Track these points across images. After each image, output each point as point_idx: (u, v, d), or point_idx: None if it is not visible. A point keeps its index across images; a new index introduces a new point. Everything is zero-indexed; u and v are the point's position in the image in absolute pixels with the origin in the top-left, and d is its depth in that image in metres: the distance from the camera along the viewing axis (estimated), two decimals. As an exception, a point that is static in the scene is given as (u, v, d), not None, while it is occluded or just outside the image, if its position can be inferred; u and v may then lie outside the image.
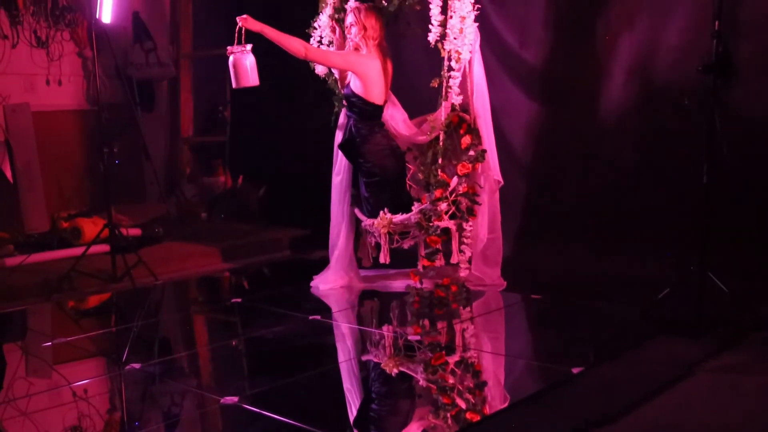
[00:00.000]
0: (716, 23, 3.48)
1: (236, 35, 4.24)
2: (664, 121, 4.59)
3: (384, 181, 4.48)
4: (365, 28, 4.38)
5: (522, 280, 4.52)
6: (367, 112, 4.46)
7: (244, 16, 4.26)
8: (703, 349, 3.28)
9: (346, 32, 4.51)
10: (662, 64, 4.66)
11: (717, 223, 3.66)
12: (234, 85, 4.35)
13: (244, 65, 4.24)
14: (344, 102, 4.58)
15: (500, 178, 4.40)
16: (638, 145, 4.79)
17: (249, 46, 4.26)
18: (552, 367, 3.22)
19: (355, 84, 4.43)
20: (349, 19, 4.45)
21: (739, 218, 4.14)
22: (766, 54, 4.18)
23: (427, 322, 4.00)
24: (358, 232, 4.73)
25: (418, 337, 3.73)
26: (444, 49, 4.27)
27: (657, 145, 4.66)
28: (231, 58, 4.27)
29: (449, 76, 4.26)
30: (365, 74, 4.38)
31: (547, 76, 5.18)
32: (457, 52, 4.23)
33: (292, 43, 4.31)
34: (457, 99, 4.29)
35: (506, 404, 2.86)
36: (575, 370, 3.04)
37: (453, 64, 4.25)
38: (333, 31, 4.69)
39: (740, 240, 4.14)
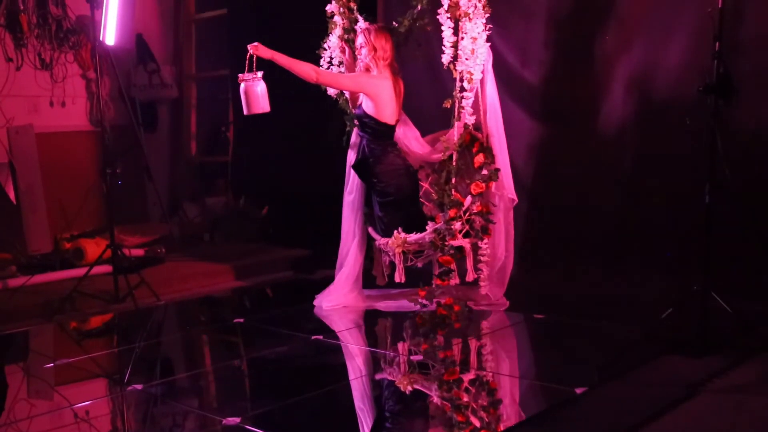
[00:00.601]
0: (717, 44, 3.51)
1: (247, 62, 4.28)
2: (666, 141, 4.61)
3: (398, 200, 4.48)
4: (375, 49, 4.40)
5: (524, 299, 4.51)
6: (379, 132, 4.47)
7: (255, 44, 4.30)
8: (706, 369, 3.27)
9: (356, 53, 4.53)
10: (663, 84, 4.68)
11: (720, 242, 3.66)
12: (246, 112, 4.40)
13: (255, 92, 4.29)
14: (356, 122, 4.59)
15: (515, 196, 4.42)
16: (640, 165, 4.80)
17: (260, 74, 4.31)
18: (555, 387, 3.21)
19: (367, 105, 4.44)
20: (360, 39, 4.47)
21: (742, 238, 4.14)
22: (766, 73, 4.20)
23: (430, 342, 3.99)
24: (369, 251, 4.73)
25: (420, 358, 3.71)
26: (456, 71, 4.30)
27: (659, 165, 4.67)
28: (242, 86, 4.32)
29: (462, 97, 4.30)
30: (376, 95, 4.40)
31: (548, 96, 5.21)
32: (469, 73, 4.25)
33: (303, 68, 4.33)
34: (470, 119, 4.31)
35: (509, 425, 2.84)
36: (579, 391, 3.02)
37: (465, 84, 4.28)
38: (342, 51, 4.72)
39: (743, 260, 4.14)
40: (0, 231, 5.76)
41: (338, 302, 4.64)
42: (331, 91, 4.76)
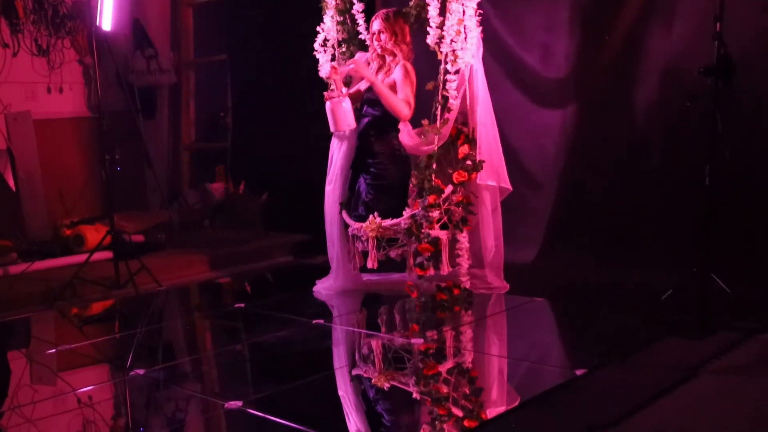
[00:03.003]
0: (717, 25, 3.49)
1: (334, 81, 4.41)
2: (667, 124, 4.61)
3: (388, 185, 4.46)
4: (396, 34, 4.37)
5: (525, 284, 4.52)
6: (391, 116, 4.41)
7: (355, 60, 4.41)
8: (706, 351, 3.28)
9: (371, 40, 4.48)
10: (664, 67, 4.67)
11: (720, 225, 3.66)
12: (332, 130, 4.54)
13: (342, 110, 4.42)
14: (365, 102, 4.53)
15: (509, 185, 4.39)
16: (640, 147, 4.80)
17: (345, 91, 4.43)
18: (555, 369, 3.23)
19: (389, 83, 4.37)
20: (376, 26, 4.42)
21: (742, 220, 4.15)
22: (767, 55, 4.19)
23: (429, 325, 4.00)
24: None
25: (420, 341, 3.73)
26: (441, 52, 4.24)
27: (659, 147, 4.67)
28: (328, 104, 4.44)
29: (446, 80, 4.25)
30: (414, 82, 4.39)
31: (548, 80, 5.20)
32: (454, 54, 4.20)
33: (399, 105, 4.33)
34: (454, 104, 4.22)
35: (509, 406, 2.86)
36: (578, 372, 3.04)
37: (449, 66, 4.23)
38: (338, 32, 4.68)
39: (743, 242, 4.15)
40: (0, 218, 5.76)
41: (337, 288, 4.64)
42: (323, 73, 4.72)
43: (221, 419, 2.86)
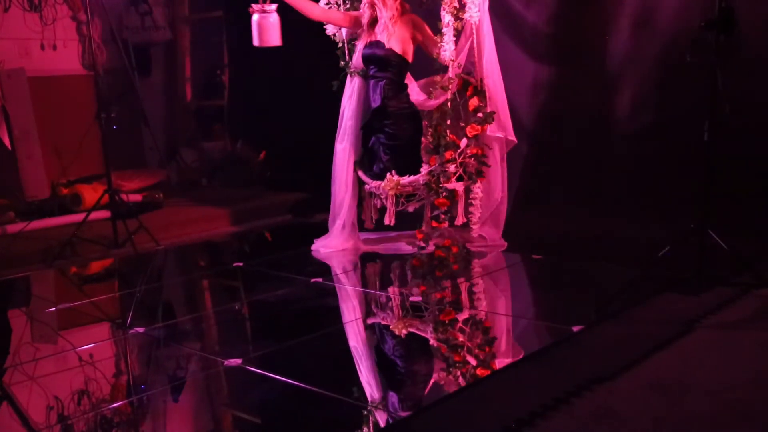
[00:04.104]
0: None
1: None
2: (667, 79, 4.56)
3: (404, 144, 4.46)
4: None
5: (522, 241, 4.53)
6: (404, 72, 4.45)
7: None
8: (702, 306, 3.30)
9: None
10: (666, 20, 4.60)
11: (718, 180, 3.65)
12: (256, 43, 4.36)
13: (268, 24, 4.26)
14: (373, 64, 4.45)
15: (514, 138, 4.41)
16: (640, 103, 4.76)
17: (274, 6, 4.24)
18: (553, 325, 3.25)
19: (394, 44, 4.35)
20: None
21: (739, 176, 4.13)
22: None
23: (427, 283, 4.02)
24: (360, 196, 4.72)
25: (418, 298, 3.75)
26: (445, 1, 4.20)
27: (659, 103, 4.64)
28: (255, 17, 4.25)
29: (442, 33, 4.21)
30: (415, 35, 4.37)
31: (550, 36, 5.13)
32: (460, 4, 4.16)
33: (307, 6, 4.34)
34: (449, 51, 4.20)
35: (507, 362, 2.89)
36: (576, 329, 3.06)
37: (448, 18, 4.18)
38: None
39: (741, 198, 4.14)
40: (-4, 177, 5.74)
41: (336, 248, 4.65)
42: (329, 31, 4.67)
43: (221, 376, 2.89)
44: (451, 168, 4.26)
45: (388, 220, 4.42)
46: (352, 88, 4.64)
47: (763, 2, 4.18)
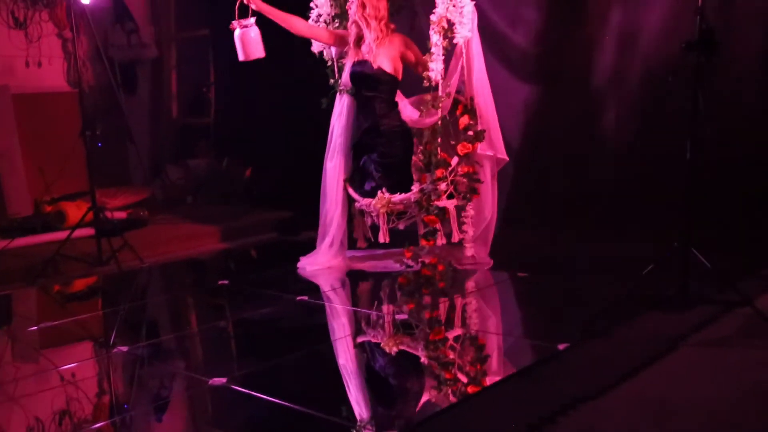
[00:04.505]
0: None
1: (237, 9, 4.26)
2: (649, 99, 4.62)
3: (397, 162, 4.47)
4: (364, 6, 4.32)
5: (508, 259, 4.54)
6: (395, 91, 4.47)
7: None
8: (687, 324, 3.32)
9: (348, 8, 4.47)
10: (649, 41, 4.67)
11: (700, 199, 3.68)
12: (241, 59, 4.39)
13: (250, 39, 4.29)
14: (362, 82, 4.46)
15: (505, 156, 4.43)
16: (623, 123, 4.82)
17: (253, 20, 4.28)
18: (538, 343, 3.25)
19: (384, 63, 4.36)
20: None
21: (722, 195, 4.18)
22: (749, 31, 4.20)
23: (414, 301, 4.01)
24: (350, 213, 4.72)
25: (405, 317, 3.74)
26: (433, 21, 4.22)
27: (642, 123, 4.69)
28: (236, 33, 4.30)
29: (430, 51, 4.24)
30: (405, 54, 4.39)
31: (534, 58, 5.19)
32: (449, 26, 4.19)
33: (289, 19, 4.36)
34: (437, 70, 4.22)
35: (493, 380, 2.88)
36: (561, 347, 3.07)
37: (437, 39, 4.20)
38: (331, 7, 4.65)
39: (724, 215, 4.18)
40: (-21, 194, 5.69)
41: (323, 265, 4.64)
42: (315, 48, 4.70)
43: (206, 396, 2.87)
44: (442, 186, 4.28)
45: (382, 238, 4.42)
46: (341, 106, 4.65)
47: (744, 24, 4.25)
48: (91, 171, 5.06)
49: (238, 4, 4.25)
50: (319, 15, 4.66)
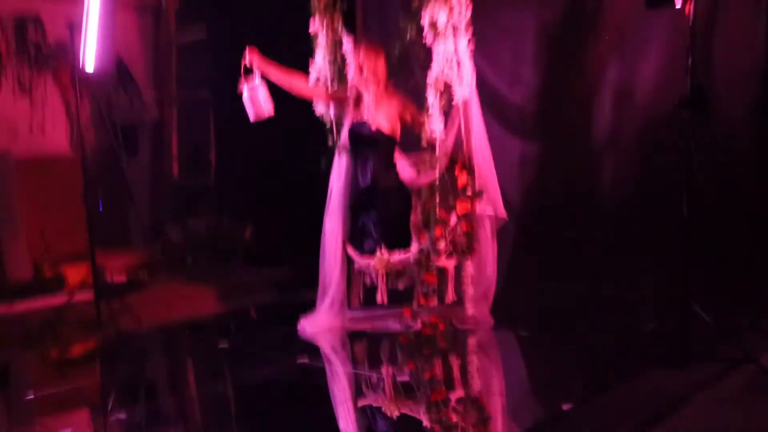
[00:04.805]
0: (689, 57, 3.54)
1: (243, 69, 4.34)
2: (645, 155, 4.67)
3: (395, 221, 4.47)
4: (361, 70, 4.37)
5: (509, 316, 4.51)
6: (391, 151, 4.48)
7: (252, 48, 4.35)
8: (690, 381, 3.28)
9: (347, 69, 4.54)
10: (644, 98, 4.75)
11: (700, 254, 3.68)
12: (252, 119, 4.45)
13: (258, 99, 4.35)
14: (360, 142, 4.49)
15: (505, 215, 4.41)
16: (620, 179, 4.86)
17: (258, 79, 4.34)
18: (542, 404, 3.21)
19: (383, 123, 4.39)
20: (349, 57, 4.48)
21: (722, 250, 4.18)
22: (738, 87, 4.27)
23: (415, 362, 3.97)
24: (349, 273, 4.70)
25: (406, 379, 3.70)
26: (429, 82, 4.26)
27: (638, 179, 4.73)
28: (246, 94, 4.34)
29: (427, 110, 4.27)
30: (403, 114, 4.41)
31: (530, 115, 5.26)
32: (447, 88, 4.22)
33: (297, 84, 4.48)
34: (436, 130, 4.25)
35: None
36: (565, 407, 3.03)
37: (431, 99, 4.24)
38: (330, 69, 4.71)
39: (725, 269, 4.18)
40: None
41: (323, 326, 4.60)
42: (318, 111, 4.76)
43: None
44: (441, 245, 4.26)
45: (381, 298, 4.39)
46: (340, 166, 4.68)
47: (737, 82, 4.32)
48: (92, 234, 5.07)
49: (243, 65, 4.31)
50: (318, 78, 4.74)
